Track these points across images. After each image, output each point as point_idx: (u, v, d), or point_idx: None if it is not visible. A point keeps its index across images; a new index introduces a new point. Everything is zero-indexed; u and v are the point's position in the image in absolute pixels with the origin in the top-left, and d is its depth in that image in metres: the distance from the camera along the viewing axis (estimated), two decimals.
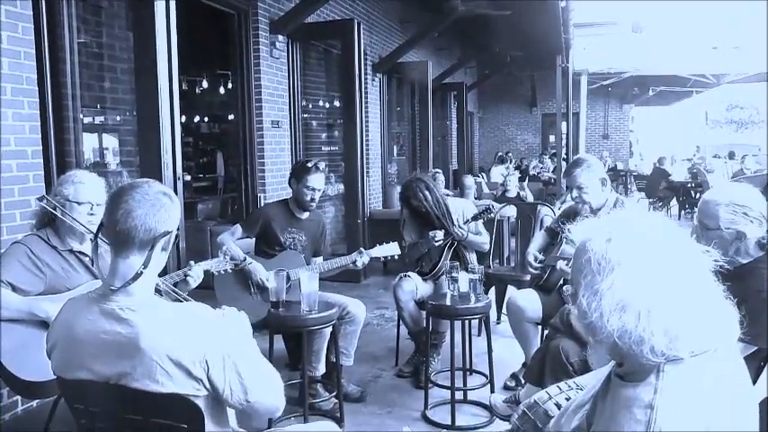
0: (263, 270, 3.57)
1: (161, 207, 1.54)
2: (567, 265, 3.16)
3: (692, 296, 1.18)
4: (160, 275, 2.10)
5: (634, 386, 1.18)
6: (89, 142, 5.17)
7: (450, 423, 3.23)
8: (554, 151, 15.31)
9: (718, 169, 13.15)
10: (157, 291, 1.75)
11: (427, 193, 3.94)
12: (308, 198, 3.73)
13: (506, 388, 3.69)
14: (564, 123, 11.35)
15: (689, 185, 12.71)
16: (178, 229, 1.65)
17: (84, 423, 1.64)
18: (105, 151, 5.61)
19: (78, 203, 2.59)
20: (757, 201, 2.15)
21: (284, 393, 1.70)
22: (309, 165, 3.74)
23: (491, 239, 4.47)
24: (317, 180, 3.71)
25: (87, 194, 2.61)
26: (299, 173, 3.76)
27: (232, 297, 3.58)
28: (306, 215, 3.85)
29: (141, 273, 1.53)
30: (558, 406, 1.54)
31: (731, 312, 1.22)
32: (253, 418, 1.69)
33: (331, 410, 3.40)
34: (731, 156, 15.53)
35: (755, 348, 1.95)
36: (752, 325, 1.31)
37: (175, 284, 2.73)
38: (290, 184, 3.85)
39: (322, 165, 3.80)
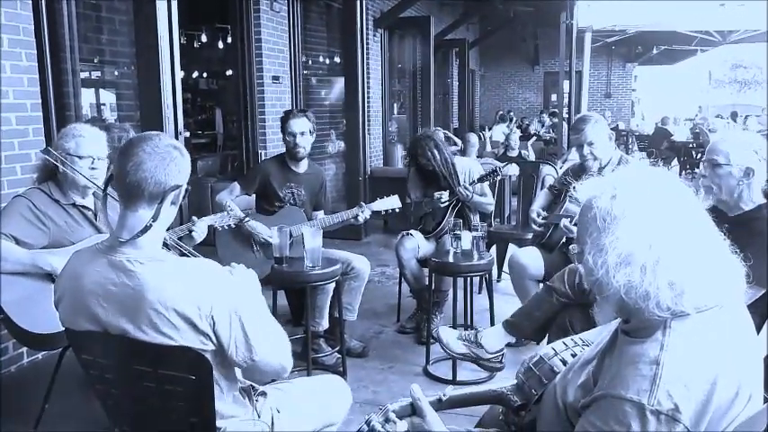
0: (265, 228, 3.56)
1: (171, 160, 1.52)
2: (570, 222, 3.16)
3: (698, 250, 1.18)
4: None
5: (641, 342, 1.19)
6: (86, 97, 5.10)
7: (451, 378, 3.27)
8: (553, 110, 15.17)
9: (721, 129, 13.05)
10: (164, 245, 1.74)
11: (436, 151, 3.90)
12: (292, 144, 3.67)
13: (506, 345, 3.72)
14: (566, 82, 11.19)
15: (690, 146, 12.65)
16: (188, 183, 1.63)
17: (92, 374, 1.66)
18: (102, 107, 5.54)
19: (79, 157, 2.57)
20: (763, 145, 2.24)
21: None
22: (288, 112, 3.72)
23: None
24: (296, 124, 3.64)
25: (88, 148, 2.59)
26: (282, 123, 3.73)
27: (234, 254, 3.58)
28: (303, 168, 3.81)
29: (150, 226, 1.52)
30: (564, 362, 1.54)
31: (738, 268, 1.22)
32: (256, 375, 1.70)
33: (333, 365, 3.44)
34: (734, 116, 15.42)
35: (761, 294, 1.98)
36: (755, 268, 1.32)
37: (179, 239, 2.73)
38: (283, 140, 3.82)
39: (306, 111, 3.75)
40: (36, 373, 3.33)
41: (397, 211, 3.76)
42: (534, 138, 11.16)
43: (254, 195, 3.82)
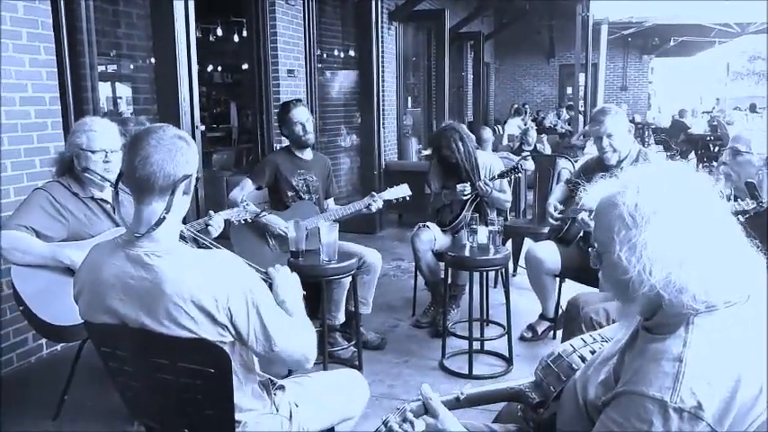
0: (280, 220, 3.58)
1: (177, 151, 1.53)
2: (589, 216, 3.13)
3: (725, 243, 1.17)
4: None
5: (663, 339, 1.17)
6: (103, 91, 5.13)
7: (467, 372, 3.27)
8: (569, 103, 15.06)
9: (739, 121, 12.90)
10: (182, 238, 1.74)
11: (460, 144, 3.89)
12: (301, 131, 3.72)
13: (523, 339, 3.72)
14: (582, 75, 11.10)
15: (708, 138, 12.51)
16: (198, 172, 1.63)
17: (112, 366, 1.67)
18: (119, 100, 5.57)
19: (92, 152, 2.58)
20: None
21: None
22: (286, 104, 3.80)
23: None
24: (300, 113, 3.73)
25: (100, 142, 2.60)
26: (282, 116, 3.78)
27: (250, 250, 3.59)
28: (310, 156, 3.84)
29: (164, 218, 1.52)
30: (583, 359, 1.53)
31: (760, 261, 1.21)
32: (278, 365, 1.71)
33: (350, 359, 3.44)
34: (752, 108, 15.21)
35: None
36: None
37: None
38: (282, 133, 3.84)
39: (301, 101, 3.85)
40: (55, 365, 3.37)
41: (408, 199, 3.76)
42: (546, 134, 11.06)
43: (266, 190, 3.83)
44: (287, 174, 3.75)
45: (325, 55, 7.76)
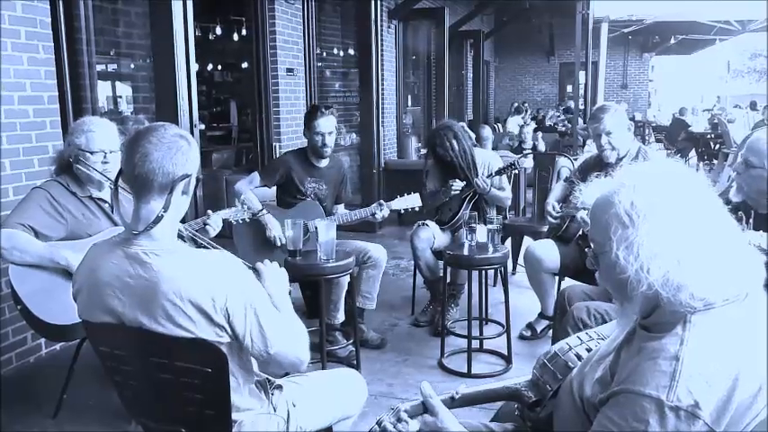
0: (278, 226, 3.53)
1: (178, 150, 1.52)
2: (587, 215, 3.12)
3: (722, 240, 1.17)
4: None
5: (660, 337, 1.17)
6: (102, 90, 5.13)
7: (466, 371, 3.26)
8: (570, 103, 15.05)
9: (739, 119, 12.86)
10: (181, 237, 1.74)
11: (455, 142, 3.87)
12: (320, 143, 3.64)
13: (522, 338, 3.72)
14: (582, 73, 11.08)
15: (708, 136, 12.49)
16: (199, 173, 1.63)
17: (109, 365, 1.67)
18: (119, 99, 5.57)
19: (91, 153, 2.58)
20: None
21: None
22: (315, 109, 3.68)
23: None
24: (324, 123, 3.62)
25: (99, 143, 2.60)
26: (308, 120, 3.68)
27: (251, 247, 3.58)
28: (325, 163, 3.79)
29: (162, 216, 1.52)
30: (579, 357, 1.53)
31: (757, 258, 1.20)
32: (273, 368, 1.70)
33: (347, 357, 3.43)
34: (753, 106, 15.17)
35: None
36: None
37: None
38: (304, 135, 3.78)
39: (331, 108, 3.71)
40: (54, 364, 3.37)
41: (417, 209, 3.71)
42: (541, 131, 11.05)
43: (274, 188, 3.81)
44: (297, 179, 3.71)
45: (324, 53, 7.76)
